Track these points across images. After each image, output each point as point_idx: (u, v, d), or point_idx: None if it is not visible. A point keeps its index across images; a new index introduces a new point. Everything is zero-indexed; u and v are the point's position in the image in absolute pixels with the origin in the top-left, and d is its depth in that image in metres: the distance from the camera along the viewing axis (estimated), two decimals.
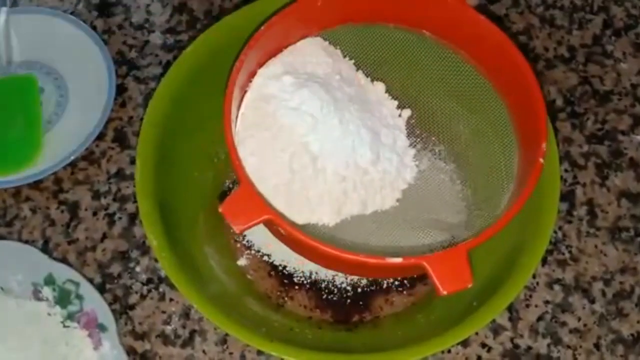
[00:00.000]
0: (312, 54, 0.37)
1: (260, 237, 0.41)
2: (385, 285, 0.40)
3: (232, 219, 0.31)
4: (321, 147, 0.34)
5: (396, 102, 0.39)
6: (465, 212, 0.37)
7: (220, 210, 0.31)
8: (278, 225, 0.31)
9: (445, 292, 0.30)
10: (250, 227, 0.31)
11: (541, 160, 0.33)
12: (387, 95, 0.40)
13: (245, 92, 0.36)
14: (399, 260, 0.31)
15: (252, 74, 0.36)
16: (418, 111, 0.40)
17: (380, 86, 0.39)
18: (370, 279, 0.40)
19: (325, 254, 0.31)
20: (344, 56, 0.39)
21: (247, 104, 0.36)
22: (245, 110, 0.36)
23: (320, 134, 0.34)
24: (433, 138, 0.40)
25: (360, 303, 0.40)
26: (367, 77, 0.39)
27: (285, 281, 0.40)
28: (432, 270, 0.30)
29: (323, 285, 0.40)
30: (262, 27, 0.35)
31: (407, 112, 0.40)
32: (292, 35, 0.37)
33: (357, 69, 0.39)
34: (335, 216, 0.35)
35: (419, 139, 0.40)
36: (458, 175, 0.39)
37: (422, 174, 0.38)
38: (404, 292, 0.40)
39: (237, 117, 0.35)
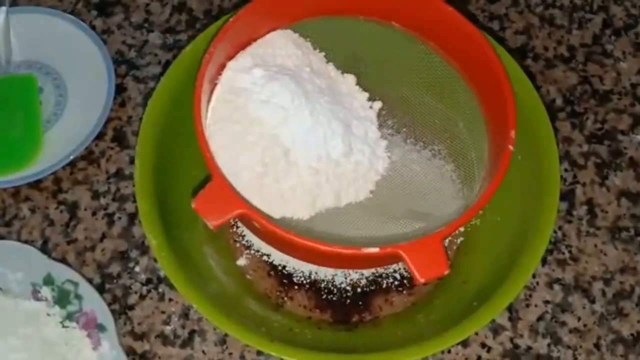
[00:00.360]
0: (282, 46, 0.37)
1: (253, 239, 0.41)
2: (384, 285, 0.40)
3: (205, 213, 0.31)
4: (293, 139, 0.34)
5: (367, 94, 0.39)
6: (438, 201, 0.37)
7: (192, 206, 0.31)
8: (252, 218, 0.31)
9: (422, 280, 0.31)
10: (225, 221, 0.31)
11: (510, 147, 0.33)
12: (357, 87, 0.39)
13: (215, 85, 0.36)
14: (375, 250, 0.31)
15: (222, 67, 0.36)
16: (389, 103, 0.40)
17: (350, 78, 0.39)
18: (369, 278, 0.40)
19: (301, 246, 0.31)
20: (314, 48, 0.39)
21: (217, 97, 0.36)
22: (216, 104, 0.36)
23: (291, 127, 0.34)
24: (404, 129, 0.40)
25: (360, 303, 0.40)
26: (338, 69, 0.39)
27: (285, 281, 0.40)
28: (408, 259, 0.31)
29: (322, 285, 0.40)
30: (231, 19, 0.35)
31: (378, 104, 0.40)
32: (261, 27, 0.37)
33: (328, 62, 0.39)
34: (309, 209, 0.35)
35: (390, 130, 0.40)
36: (430, 165, 0.39)
37: (394, 164, 0.38)
38: (404, 292, 0.40)
39: (207, 111, 0.35)
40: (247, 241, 0.41)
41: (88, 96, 0.47)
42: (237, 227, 0.42)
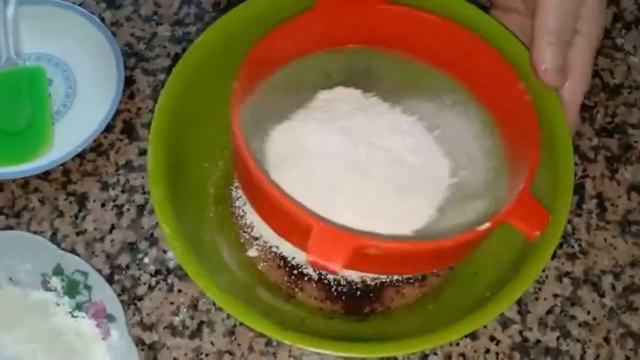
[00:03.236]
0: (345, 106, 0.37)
1: (265, 228, 0.41)
2: (395, 277, 0.40)
3: (325, 261, 0.29)
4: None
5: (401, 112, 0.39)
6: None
7: (310, 259, 0.29)
8: (372, 246, 0.30)
9: (537, 233, 0.32)
10: (346, 262, 0.29)
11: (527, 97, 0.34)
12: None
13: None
14: (486, 226, 0.31)
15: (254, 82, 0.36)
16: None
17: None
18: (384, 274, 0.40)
19: (420, 252, 0.31)
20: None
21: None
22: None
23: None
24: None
25: (371, 295, 0.40)
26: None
27: (295, 272, 0.40)
28: (518, 222, 0.32)
29: (331, 278, 0.40)
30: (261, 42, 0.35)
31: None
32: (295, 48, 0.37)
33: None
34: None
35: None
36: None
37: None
38: (415, 284, 0.40)
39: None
40: (256, 232, 0.41)
41: (97, 88, 0.47)
42: (246, 219, 0.42)
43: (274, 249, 0.41)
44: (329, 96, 0.39)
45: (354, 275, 0.40)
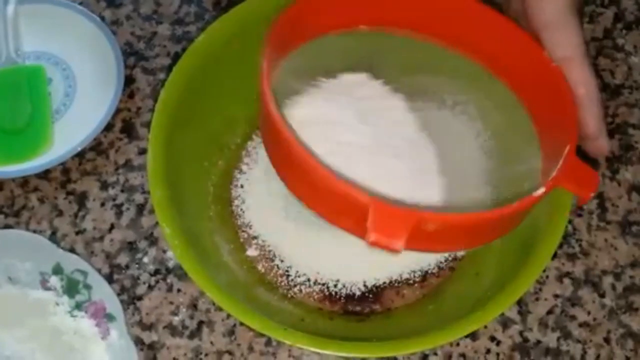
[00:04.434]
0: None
1: (263, 228, 0.41)
2: (394, 278, 0.40)
3: (388, 239, 0.28)
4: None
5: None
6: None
7: (371, 240, 0.27)
8: (433, 220, 0.29)
9: (591, 194, 0.32)
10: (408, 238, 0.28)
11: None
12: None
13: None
14: (541, 191, 0.30)
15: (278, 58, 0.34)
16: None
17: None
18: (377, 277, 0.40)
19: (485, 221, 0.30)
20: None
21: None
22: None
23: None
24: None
25: (370, 296, 0.40)
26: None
27: (292, 272, 0.40)
28: (571, 185, 0.31)
29: (329, 280, 0.40)
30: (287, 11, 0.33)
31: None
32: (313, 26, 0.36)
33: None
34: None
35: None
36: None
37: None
38: (415, 285, 0.40)
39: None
40: (254, 231, 0.41)
41: (97, 87, 0.47)
42: (244, 218, 0.42)
43: (270, 249, 0.41)
44: (348, 80, 0.38)
45: (353, 277, 0.40)
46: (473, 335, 0.41)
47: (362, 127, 0.35)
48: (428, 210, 0.30)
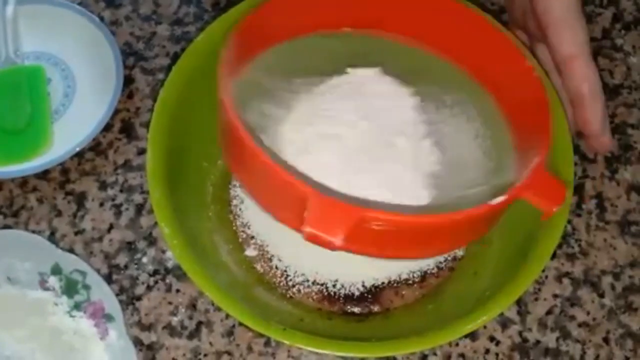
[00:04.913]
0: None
1: (261, 227, 0.41)
2: (393, 279, 0.40)
3: (325, 233, 0.26)
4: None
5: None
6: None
7: (305, 234, 0.26)
8: (376, 219, 0.27)
9: (554, 209, 0.30)
10: (349, 235, 0.27)
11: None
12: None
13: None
14: (501, 199, 0.29)
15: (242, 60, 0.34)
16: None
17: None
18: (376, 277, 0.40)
19: (430, 227, 0.29)
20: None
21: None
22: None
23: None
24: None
25: (369, 296, 0.40)
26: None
27: (291, 272, 0.40)
28: (532, 197, 0.30)
29: (328, 280, 0.40)
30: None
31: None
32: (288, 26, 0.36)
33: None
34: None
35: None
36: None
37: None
38: (415, 285, 0.40)
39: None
40: (252, 231, 0.41)
41: (96, 87, 0.47)
42: (243, 217, 0.42)
43: (268, 249, 0.41)
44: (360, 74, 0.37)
45: (352, 277, 0.40)
46: (472, 336, 0.41)
47: (362, 124, 0.35)
48: (375, 207, 0.28)
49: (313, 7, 0.36)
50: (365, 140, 0.34)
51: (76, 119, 0.46)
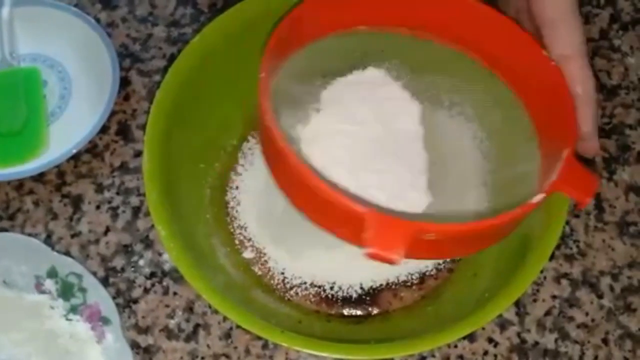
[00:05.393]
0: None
1: (258, 230, 0.41)
2: (392, 281, 0.40)
3: (387, 251, 0.27)
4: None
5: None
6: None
7: (369, 252, 0.27)
8: (431, 231, 0.28)
9: (589, 199, 0.31)
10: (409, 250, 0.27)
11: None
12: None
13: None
14: (541, 197, 0.29)
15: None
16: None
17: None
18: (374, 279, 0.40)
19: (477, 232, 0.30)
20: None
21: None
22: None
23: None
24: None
25: (367, 299, 0.39)
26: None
27: (288, 275, 0.40)
28: (570, 189, 0.31)
29: (325, 282, 0.40)
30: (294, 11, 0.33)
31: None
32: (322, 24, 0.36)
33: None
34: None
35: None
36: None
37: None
38: (413, 287, 0.40)
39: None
40: (249, 233, 0.41)
41: (92, 89, 0.47)
42: (240, 220, 0.41)
43: (265, 251, 0.40)
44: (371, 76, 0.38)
45: (350, 279, 0.40)
46: (471, 337, 0.41)
47: (376, 126, 0.35)
48: (427, 220, 0.29)
49: (330, 9, 0.36)
50: (374, 140, 0.34)
51: (72, 121, 0.46)
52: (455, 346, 0.40)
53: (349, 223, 0.29)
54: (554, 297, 0.42)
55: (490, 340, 0.41)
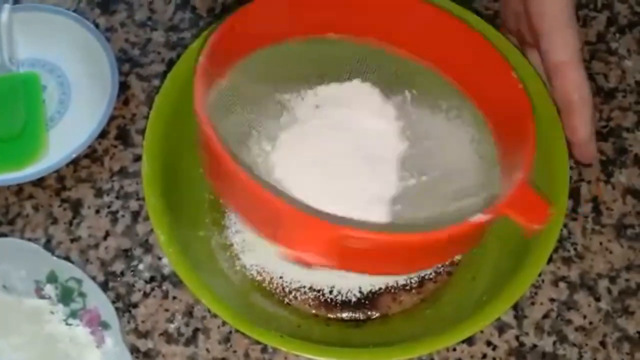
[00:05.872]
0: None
1: (254, 234, 0.41)
2: (391, 284, 0.40)
3: (298, 250, 0.27)
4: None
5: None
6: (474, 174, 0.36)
7: (280, 248, 0.27)
8: (351, 236, 0.27)
9: (537, 227, 0.30)
10: (324, 255, 0.27)
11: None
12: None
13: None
14: (480, 217, 0.28)
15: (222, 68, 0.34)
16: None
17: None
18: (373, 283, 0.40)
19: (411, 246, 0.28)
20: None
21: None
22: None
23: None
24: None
25: (366, 302, 0.40)
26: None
27: (287, 279, 0.40)
28: (515, 214, 0.30)
29: (325, 286, 0.40)
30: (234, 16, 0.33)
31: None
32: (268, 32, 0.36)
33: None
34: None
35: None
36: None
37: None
38: (412, 291, 0.40)
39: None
40: (247, 237, 0.41)
41: (91, 94, 0.47)
42: (237, 223, 0.41)
43: (263, 255, 0.40)
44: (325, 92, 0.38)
45: (349, 283, 0.40)
46: (469, 340, 0.41)
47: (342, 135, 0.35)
48: (350, 224, 0.28)
49: (297, 11, 0.35)
50: (343, 151, 0.34)
51: (72, 125, 0.46)
52: (454, 349, 0.41)
53: (270, 220, 0.28)
54: (552, 300, 0.42)
55: (489, 343, 0.41)
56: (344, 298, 0.40)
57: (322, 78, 0.38)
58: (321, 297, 0.40)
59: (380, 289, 0.40)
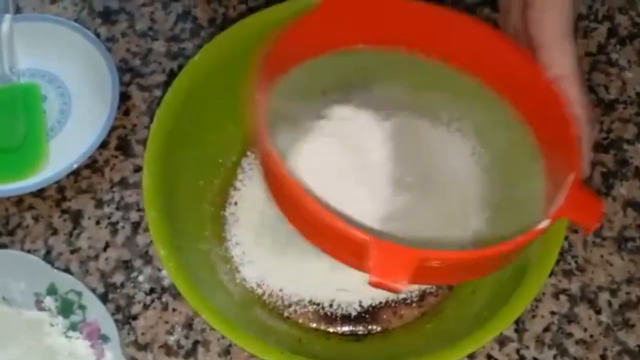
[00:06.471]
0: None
1: (255, 248, 0.41)
2: (391, 298, 0.40)
3: (391, 280, 0.27)
4: None
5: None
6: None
7: (371, 282, 0.27)
8: (435, 259, 0.28)
9: (597, 225, 0.31)
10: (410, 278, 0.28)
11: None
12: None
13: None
14: (547, 223, 0.29)
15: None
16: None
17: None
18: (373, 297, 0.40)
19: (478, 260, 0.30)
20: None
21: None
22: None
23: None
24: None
25: (367, 316, 0.40)
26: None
27: (286, 293, 0.40)
28: (576, 216, 0.31)
29: (324, 300, 0.40)
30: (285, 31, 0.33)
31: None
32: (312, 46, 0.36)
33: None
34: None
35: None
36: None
37: None
38: (413, 305, 0.40)
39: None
40: (247, 249, 0.41)
41: (92, 104, 0.47)
42: (237, 236, 0.41)
43: (263, 268, 0.40)
44: (341, 114, 0.38)
45: (349, 297, 0.40)
46: (470, 354, 0.41)
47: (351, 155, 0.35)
48: (430, 248, 0.29)
49: (329, 27, 0.36)
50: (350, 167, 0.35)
51: (72, 136, 0.46)
52: None
53: (350, 249, 0.29)
54: (552, 313, 0.42)
55: (490, 357, 0.41)
56: (344, 312, 0.39)
57: (350, 89, 0.39)
58: (321, 310, 0.39)
59: (380, 302, 0.40)
